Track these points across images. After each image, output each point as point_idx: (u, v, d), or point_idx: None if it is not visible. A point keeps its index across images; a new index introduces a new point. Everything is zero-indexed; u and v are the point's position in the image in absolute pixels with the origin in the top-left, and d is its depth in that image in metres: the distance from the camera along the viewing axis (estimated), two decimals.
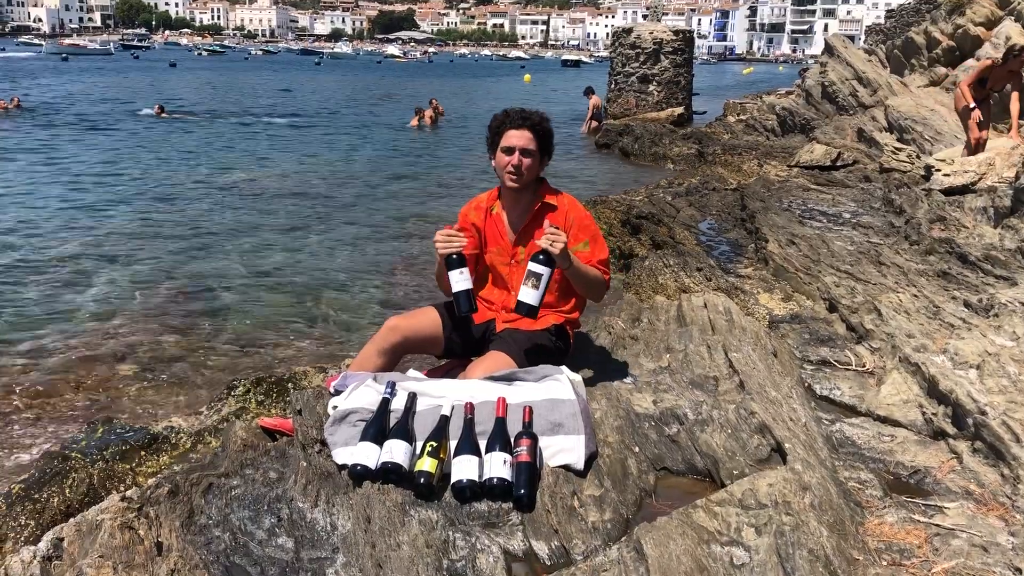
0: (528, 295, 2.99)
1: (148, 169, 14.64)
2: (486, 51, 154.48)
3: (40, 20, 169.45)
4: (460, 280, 3.04)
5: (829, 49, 18.08)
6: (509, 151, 3.28)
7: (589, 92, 21.78)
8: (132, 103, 26.92)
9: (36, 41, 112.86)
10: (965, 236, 5.92)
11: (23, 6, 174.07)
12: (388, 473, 2.55)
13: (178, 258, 8.71)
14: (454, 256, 3.05)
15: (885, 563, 2.32)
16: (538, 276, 2.99)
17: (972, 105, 8.74)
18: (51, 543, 2.27)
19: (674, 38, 24.03)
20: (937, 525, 2.52)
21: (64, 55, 75.35)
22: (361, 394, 2.95)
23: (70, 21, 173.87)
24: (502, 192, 3.45)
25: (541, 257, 3.00)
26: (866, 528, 2.50)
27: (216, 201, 11.91)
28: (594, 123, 20.95)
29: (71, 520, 2.40)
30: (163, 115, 23.54)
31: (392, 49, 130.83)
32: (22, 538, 3.35)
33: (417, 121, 22.81)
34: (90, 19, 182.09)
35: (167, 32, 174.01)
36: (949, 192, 7.73)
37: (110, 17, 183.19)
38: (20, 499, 3.59)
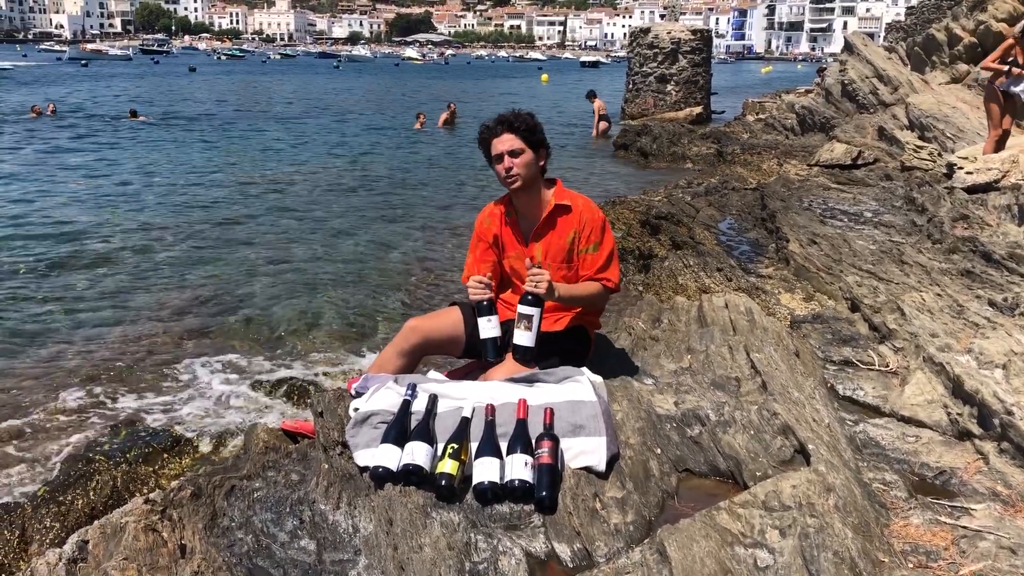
0: (522, 337, 3.07)
1: (167, 172, 14.77)
2: (503, 52, 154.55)
3: (62, 26, 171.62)
4: (488, 327, 3.13)
5: (849, 47, 17.97)
6: (499, 159, 3.28)
7: (592, 96, 21.78)
8: (153, 106, 27.16)
9: (58, 47, 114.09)
10: (989, 234, 5.86)
11: (45, 12, 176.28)
12: (409, 475, 2.55)
13: (196, 260, 8.77)
14: (484, 303, 3.13)
15: (911, 565, 2.29)
16: (529, 318, 3.06)
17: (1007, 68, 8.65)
18: (76, 545, 2.29)
19: (692, 37, 23.98)
20: (964, 527, 2.48)
21: (84, 61, 76.11)
22: (382, 396, 2.96)
23: (91, 27, 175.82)
24: (513, 197, 3.44)
25: (529, 298, 3.06)
26: (891, 530, 2.47)
27: (233, 204, 11.97)
28: (603, 124, 21.00)
29: (95, 522, 2.42)
30: (136, 119, 23.87)
31: (410, 51, 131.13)
32: (47, 540, 3.39)
33: (420, 124, 22.87)
34: (110, 25, 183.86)
35: (187, 37, 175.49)
36: (972, 190, 7.65)
37: (130, 23, 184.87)
38: (45, 502, 3.63)
